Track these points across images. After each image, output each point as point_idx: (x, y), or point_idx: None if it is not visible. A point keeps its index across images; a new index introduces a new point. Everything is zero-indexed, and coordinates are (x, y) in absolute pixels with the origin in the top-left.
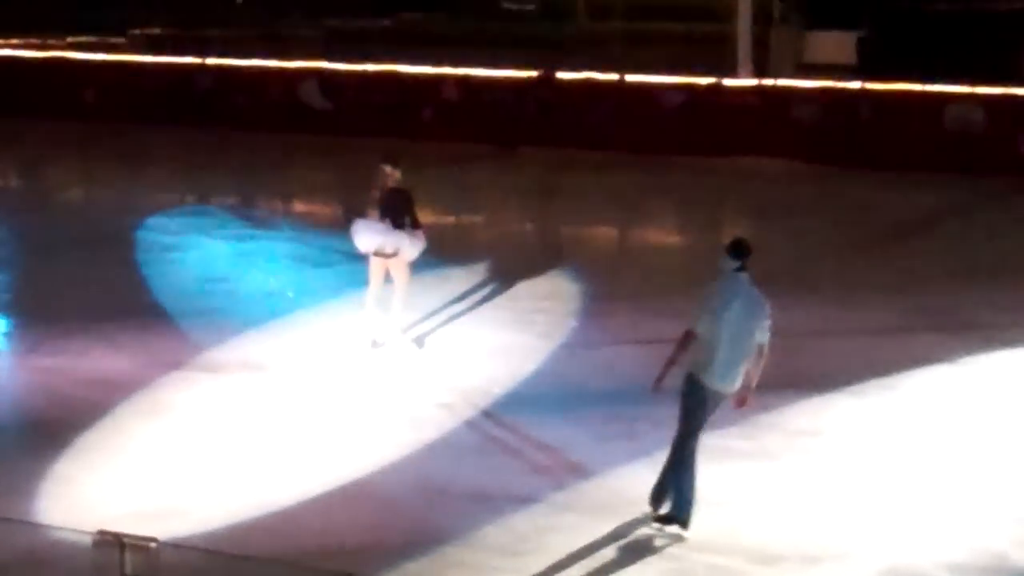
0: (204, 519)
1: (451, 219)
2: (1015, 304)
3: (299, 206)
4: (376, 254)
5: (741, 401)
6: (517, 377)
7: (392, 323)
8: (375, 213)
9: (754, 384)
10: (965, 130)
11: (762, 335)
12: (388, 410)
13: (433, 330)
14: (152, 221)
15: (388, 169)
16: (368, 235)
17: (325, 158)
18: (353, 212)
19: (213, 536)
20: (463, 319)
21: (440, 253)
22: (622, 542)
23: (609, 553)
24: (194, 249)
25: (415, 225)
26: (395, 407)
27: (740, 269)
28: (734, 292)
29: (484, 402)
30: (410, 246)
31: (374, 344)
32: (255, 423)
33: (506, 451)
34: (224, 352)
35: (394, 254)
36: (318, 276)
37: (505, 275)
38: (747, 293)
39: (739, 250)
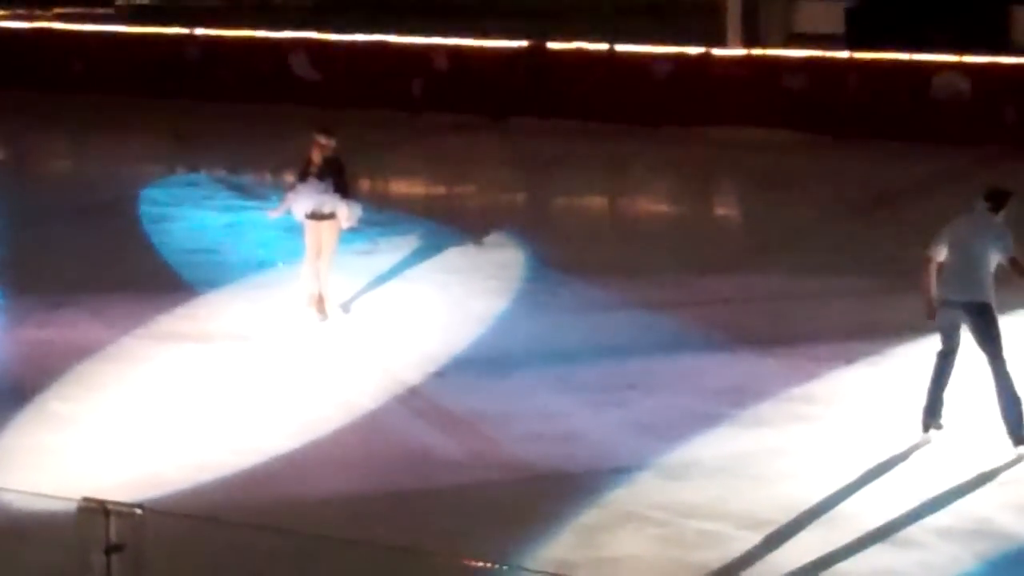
0: (190, 487)
1: (442, 189)
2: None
3: (288, 177)
4: (312, 216)
5: None
6: (508, 345)
7: (324, 290)
8: (311, 181)
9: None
10: (952, 99)
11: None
12: (376, 378)
13: (425, 298)
14: (140, 192)
15: (323, 139)
16: (304, 198)
17: (314, 130)
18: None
19: (199, 503)
20: (454, 288)
21: (432, 223)
22: (612, 508)
23: (599, 519)
24: (183, 220)
25: (346, 194)
26: (384, 375)
27: (991, 210)
28: (974, 223)
29: (475, 370)
30: (346, 209)
31: (316, 313)
32: (243, 392)
33: (497, 419)
34: (213, 322)
35: (331, 215)
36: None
37: (496, 244)
38: (987, 225)
39: (996, 198)
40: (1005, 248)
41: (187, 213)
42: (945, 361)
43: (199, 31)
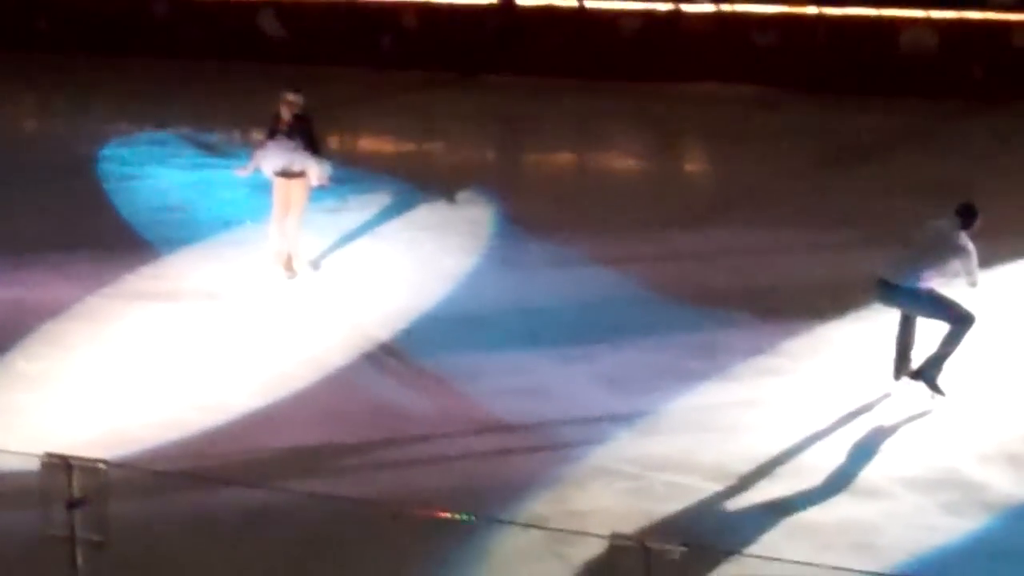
0: (156, 444)
1: (411, 146)
2: None
3: (255, 135)
4: (281, 174)
5: None
6: (478, 302)
7: (292, 251)
8: (280, 139)
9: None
10: (919, 54)
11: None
12: (345, 335)
13: (394, 255)
14: (107, 151)
15: (291, 97)
16: (273, 156)
17: (281, 87)
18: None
19: (165, 460)
20: (424, 245)
21: (402, 180)
22: (583, 462)
23: (569, 474)
24: (150, 178)
25: (316, 151)
26: (353, 332)
27: (962, 226)
28: (944, 233)
29: (444, 326)
30: (315, 167)
31: (283, 271)
32: (210, 350)
33: (467, 374)
34: (181, 281)
35: (300, 173)
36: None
37: (465, 201)
38: (954, 240)
39: (966, 215)
40: (966, 269)
41: (154, 172)
42: (905, 319)
43: None
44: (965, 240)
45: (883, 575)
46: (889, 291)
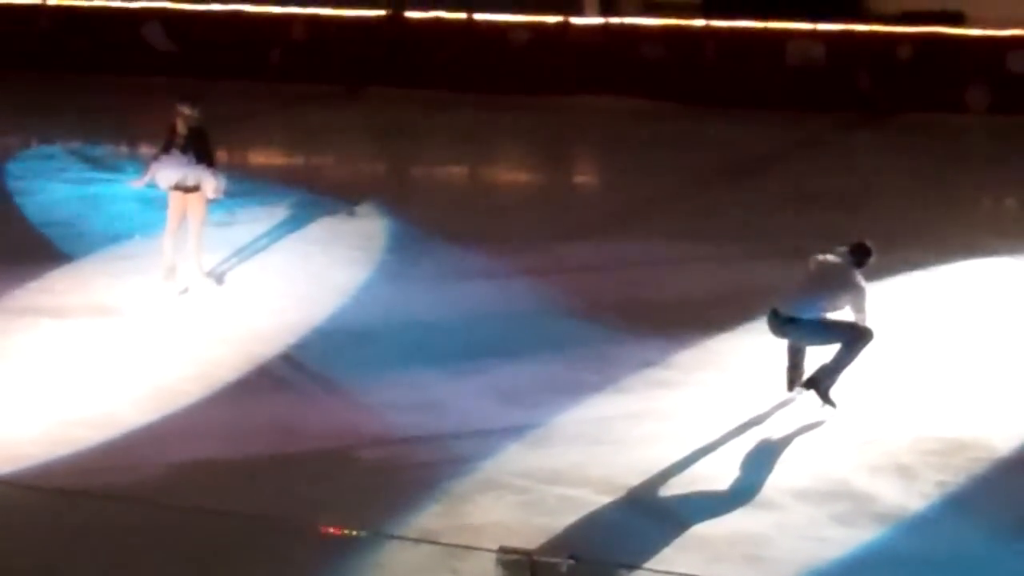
0: (45, 462)
1: (301, 160)
2: (851, 230)
3: (144, 148)
4: (176, 188)
5: None
6: (369, 315)
7: (192, 265)
8: (175, 152)
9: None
10: (807, 66)
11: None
12: (236, 350)
13: (285, 269)
14: None
15: (187, 109)
16: (169, 169)
17: (170, 101)
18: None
19: (52, 476)
20: (315, 259)
21: (292, 193)
22: (474, 476)
23: (460, 487)
24: (37, 193)
25: (211, 164)
26: (243, 347)
27: (854, 264)
28: (836, 269)
29: (336, 340)
30: (212, 181)
31: (174, 285)
32: (100, 366)
33: (358, 389)
34: (70, 296)
35: (195, 188)
36: (164, 218)
37: (357, 215)
38: (846, 277)
39: (859, 254)
40: (856, 307)
41: (41, 186)
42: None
43: (50, 1)
44: (858, 278)
45: None
46: (782, 323)
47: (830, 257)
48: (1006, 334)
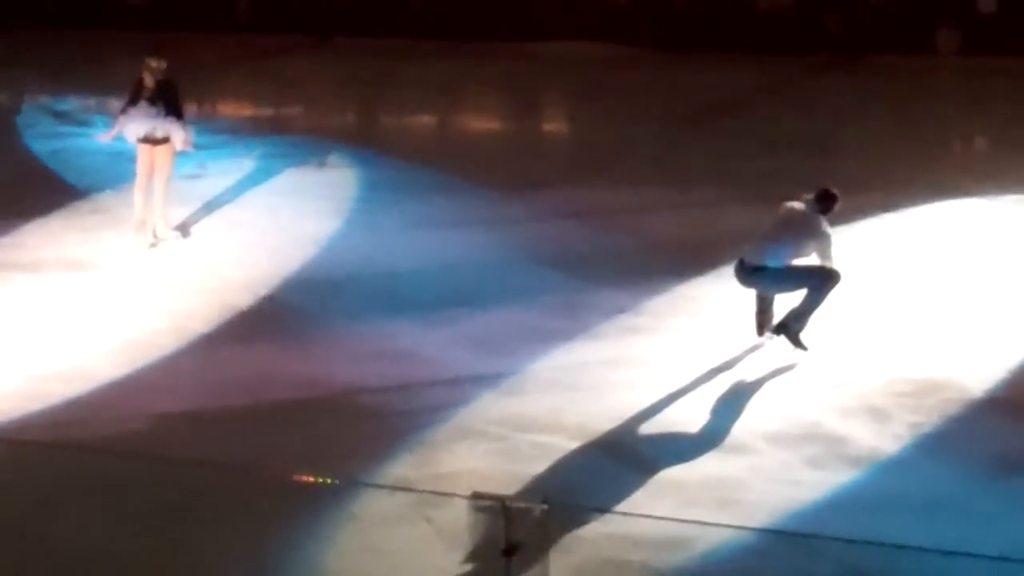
0: (18, 416)
1: (270, 111)
2: (821, 174)
3: (113, 103)
4: (145, 140)
5: None
6: (340, 266)
7: (159, 217)
8: (143, 105)
9: None
10: (776, 10)
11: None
12: (208, 302)
13: (255, 221)
14: None
15: (154, 62)
16: (137, 122)
17: (139, 54)
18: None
19: (27, 429)
20: (285, 210)
21: (261, 145)
22: (448, 425)
23: (434, 436)
24: (6, 149)
25: (180, 117)
26: (215, 298)
27: (820, 211)
28: (803, 216)
29: (307, 291)
30: (180, 133)
31: (145, 238)
32: (73, 320)
33: (330, 339)
34: (42, 251)
35: (164, 139)
36: (133, 171)
37: (327, 165)
38: (812, 223)
39: (825, 200)
40: (822, 254)
41: (10, 142)
42: None
43: None
44: (823, 224)
45: (748, 528)
46: (749, 273)
47: (795, 204)
48: (977, 274)
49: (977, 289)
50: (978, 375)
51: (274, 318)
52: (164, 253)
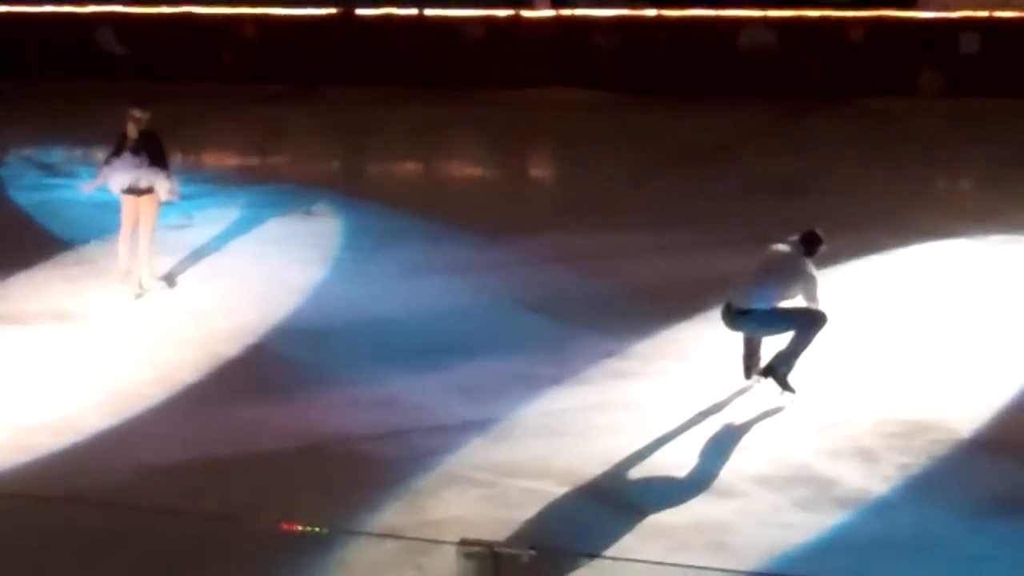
0: (7, 468)
1: (256, 160)
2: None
3: (98, 154)
4: (129, 191)
5: None
6: (327, 314)
7: (144, 267)
8: (127, 156)
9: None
10: (759, 54)
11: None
12: (195, 352)
13: (242, 270)
14: None
15: (137, 113)
16: (120, 173)
17: (124, 104)
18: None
19: (14, 482)
20: (271, 259)
21: (247, 194)
22: (436, 471)
23: (423, 483)
24: None
25: (164, 168)
26: (202, 348)
27: (806, 253)
28: (789, 259)
29: (294, 339)
30: (164, 183)
31: (131, 289)
32: (60, 371)
33: (317, 387)
34: (27, 303)
35: (149, 190)
36: (118, 222)
37: (312, 214)
38: (798, 266)
39: (810, 242)
40: (808, 296)
41: None
42: None
43: (0, 8)
44: (809, 266)
45: (738, 572)
46: (736, 316)
47: (781, 247)
48: (964, 315)
49: (963, 329)
50: (965, 415)
51: (261, 367)
52: (150, 303)
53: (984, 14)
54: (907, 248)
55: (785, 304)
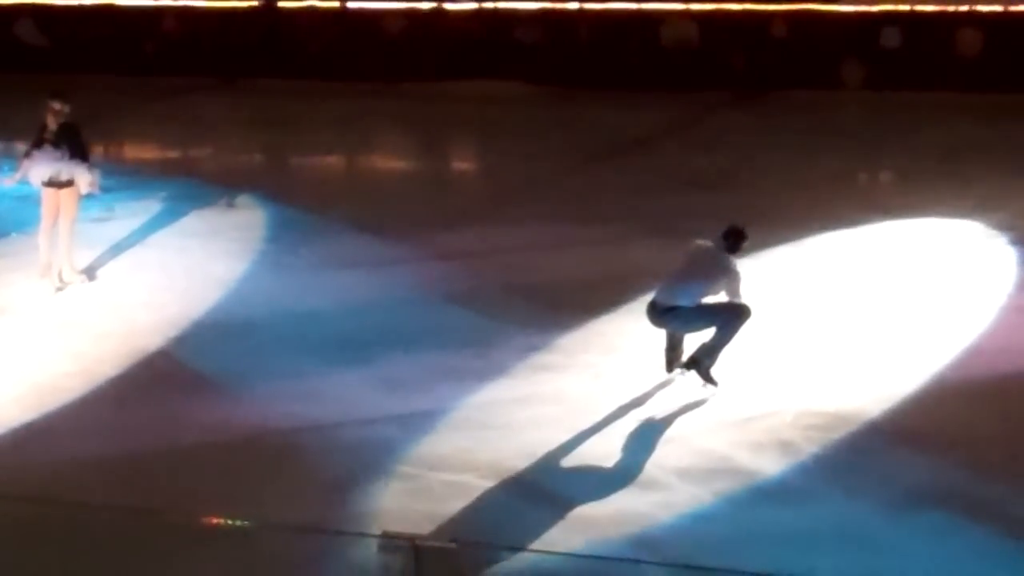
0: None
1: (178, 152)
2: (728, 209)
3: (18, 147)
4: (50, 184)
5: None
6: (249, 306)
7: (64, 260)
8: (47, 148)
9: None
10: (681, 47)
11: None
12: (117, 345)
13: (164, 263)
14: None
15: (57, 104)
16: (41, 166)
17: (42, 97)
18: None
19: None
20: (193, 252)
21: (169, 186)
22: (360, 464)
23: (347, 475)
24: None
25: (85, 159)
26: (124, 342)
27: (728, 249)
28: (711, 254)
29: (216, 332)
30: (85, 176)
31: (52, 282)
32: None
33: (239, 380)
34: None
35: (69, 183)
36: (39, 215)
37: (233, 207)
38: (721, 262)
39: (733, 237)
40: (731, 291)
41: None
42: None
43: None
44: (732, 262)
45: (660, 564)
46: (662, 314)
47: (704, 243)
48: (884, 307)
49: (883, 321)
50: (885, 407)
51: (183, 361)
52: (71, 297)
53: (905, 8)
54: (828, 240)
55: (709, 300)
